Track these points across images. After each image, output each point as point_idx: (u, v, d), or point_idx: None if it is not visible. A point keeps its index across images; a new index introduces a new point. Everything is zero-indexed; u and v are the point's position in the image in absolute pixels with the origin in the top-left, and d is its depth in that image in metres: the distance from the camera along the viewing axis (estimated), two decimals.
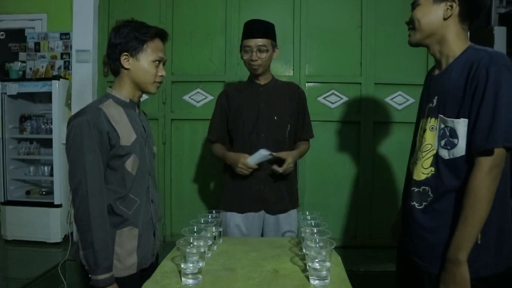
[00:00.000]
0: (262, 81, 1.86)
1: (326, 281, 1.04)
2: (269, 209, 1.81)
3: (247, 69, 1.86)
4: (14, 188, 3.29)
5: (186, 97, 3.15)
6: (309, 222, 1.31)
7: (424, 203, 1.17)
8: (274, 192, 1.80)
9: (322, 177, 3.09)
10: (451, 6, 1.13)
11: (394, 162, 3.02)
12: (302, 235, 1.25)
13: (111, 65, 1.33)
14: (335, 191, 3.10)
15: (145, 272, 1.31)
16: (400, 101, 3.05)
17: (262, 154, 1.68)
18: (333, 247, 1.06)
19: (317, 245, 1.10)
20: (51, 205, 3.09)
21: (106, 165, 1.24)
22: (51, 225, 3.06)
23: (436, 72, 1.22)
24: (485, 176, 1.03)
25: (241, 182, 1.80)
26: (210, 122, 1.94)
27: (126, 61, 1.29)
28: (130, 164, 1.27)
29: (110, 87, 1.36)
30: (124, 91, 1.33)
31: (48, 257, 2.84)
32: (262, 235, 1.86)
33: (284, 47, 3.03)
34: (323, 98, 3.08)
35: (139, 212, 1.30)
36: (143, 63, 1.29)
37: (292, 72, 3.09)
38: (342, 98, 3.08)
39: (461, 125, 1.08)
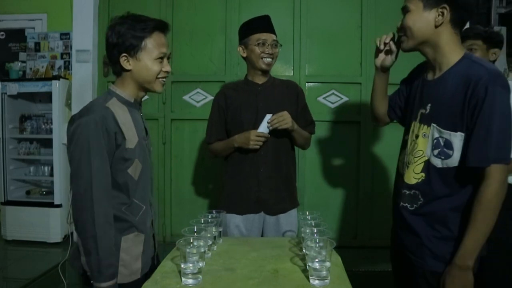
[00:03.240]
0: (261, 80, 1.83)
1: (326, 281, 1.04)
2: (269, 211, 1.80)
3: (252, 66, 1.79)
4: (14, 188, 3.29)
5: (186, 97, 3.15)
6: (309, 222, 1.31)
7: (415, 205, 1.21)
8: (274, 193, 1.79)
9: (322, 177, 3.09)
10: (442, 13, 1.10)
11: (394, 162, 2.97)
12: (302, 235, 1.25)
13: (112, 66, 1.25)
14: (335, 191, 3.10)
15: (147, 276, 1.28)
16: None
17: (268, 117, 1.67)
18: (333, 247, 1.06)
19: (317, 245, 1.10)
20: (51, 205, 3.09)
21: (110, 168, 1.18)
22: (51, 225, 3.07)
23: (430, 76, 1.21)
24: (499, 188, 1.05)
25: (241, 184, 1.78)
26: (209, 124, 1.88)
27: (126, 62, 1.20)
28: (133, 169, 1.21)
29: (113, 83, 1.27)
30: (128, 91, 1.25)
31: (48, 257, 2.85)
32: (262, 235, 1.85)
33: (284, 47, 3.01)
34: (323, 98, 3.08)
35: (145, 218, 1.27)
36: (145, 62, 1.20)
37: (292, 72, 3.09)
38: (342, 98, 3.08)
39: (458, 139, 1.10)
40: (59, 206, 3.08)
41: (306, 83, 3.08)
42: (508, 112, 1.05)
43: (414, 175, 1.21)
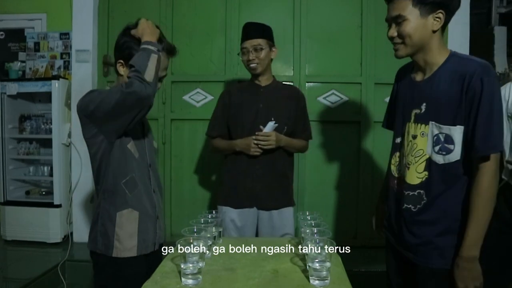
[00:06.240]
0: (263, 82, 1.91)
1: (326, 281, 1.04)
2: (261, 206, 1.87)
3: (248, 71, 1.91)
4: (14, 188, 3.28)
5: (186, 97, 3.14)
6: (309, 222, 1.31)
7: (418, 206, 1.22)
8: (267, 190, 1.85)
9: (322, 177, 3.09)
10: (439, 18, 1.15)
11: None
12: (302, 235, 1.25)
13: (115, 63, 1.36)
14: (335, 191, 3.09)
15: (148, 257, 1.37)
16: None
17: (271, 125, 1.77)
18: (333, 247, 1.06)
19: (317, 245, 1.10)
20: (51, 205, 3.08)
21: (112, 145, 1.28)
22: (50, 225, 3.06)
23: (419, 78, 1.26)
24: (492, 178, 1.11)
25: (237, 179, 1.87)
26: (211, 118, 1.99)
27: (120, 66, 1.32)
28: (132, 146, 1.33)
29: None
30: None
31: (48, 257, 2.84)
32: (257, 232, 1.92)
33: (284, 47, 3.03)
34: (323, 98, 3.08)
35: (139, 197, 1.35)
36: None
37: (292, 72, 3.09)
38: (342, 98, 3.08)
39: (458, 132, 1.14)
40: (58, 206, 3.08)
41: (306, 83, 3.07)
42: (501, 102, 1.13)
43: (417, 174, 1.22)
